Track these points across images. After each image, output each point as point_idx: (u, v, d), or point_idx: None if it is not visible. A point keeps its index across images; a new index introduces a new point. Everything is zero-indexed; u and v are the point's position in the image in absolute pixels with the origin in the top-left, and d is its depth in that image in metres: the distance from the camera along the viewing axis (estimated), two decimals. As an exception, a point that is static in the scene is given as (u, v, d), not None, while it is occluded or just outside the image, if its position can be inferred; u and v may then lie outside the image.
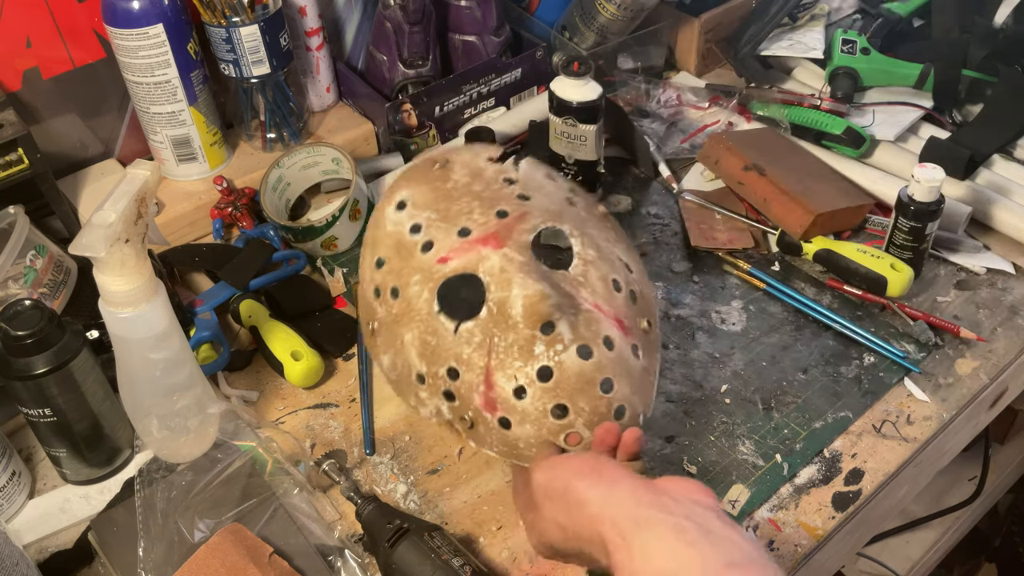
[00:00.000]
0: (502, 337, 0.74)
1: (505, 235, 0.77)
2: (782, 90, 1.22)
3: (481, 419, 0.75)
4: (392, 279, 0.80)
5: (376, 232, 0.84)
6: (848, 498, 0.81)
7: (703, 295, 1.00)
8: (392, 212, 0.83)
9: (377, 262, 0.82)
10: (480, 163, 0.86)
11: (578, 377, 0.73)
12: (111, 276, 0.69)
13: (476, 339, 0.75)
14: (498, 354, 0.74)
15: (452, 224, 0.79)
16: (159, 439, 0.78)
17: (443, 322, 0.76)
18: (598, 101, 1.03)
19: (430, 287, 0.77)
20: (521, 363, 0.73)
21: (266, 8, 1.03)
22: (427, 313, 0.77)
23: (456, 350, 0.75)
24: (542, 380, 0.73)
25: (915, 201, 0.94)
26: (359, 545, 0.77)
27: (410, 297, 0.78)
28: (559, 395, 0.73)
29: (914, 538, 1.55)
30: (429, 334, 0.77)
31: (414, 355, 0.78)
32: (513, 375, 0.73)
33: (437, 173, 0.86)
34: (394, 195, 0.84)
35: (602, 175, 1.10)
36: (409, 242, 0.80)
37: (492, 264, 0.75)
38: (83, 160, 1.10)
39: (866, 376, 0.90)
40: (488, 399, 0.74)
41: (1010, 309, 0.97)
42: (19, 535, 0.78)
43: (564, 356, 0.73)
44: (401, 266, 0.80)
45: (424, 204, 0.82)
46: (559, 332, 0.73)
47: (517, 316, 0.73)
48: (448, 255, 0.77)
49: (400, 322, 0.79)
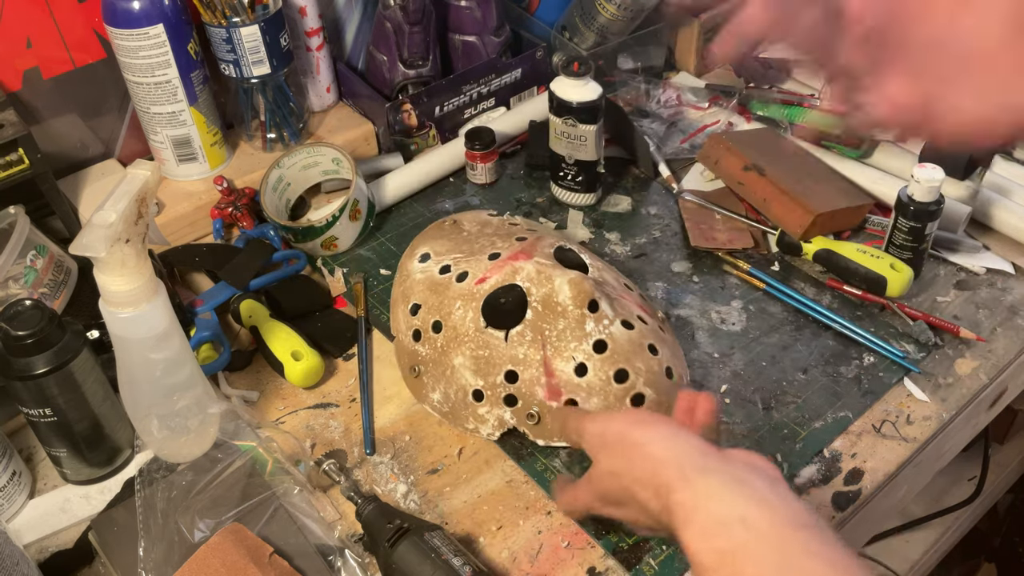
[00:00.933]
0: (552, 327, 0.82)
1: (531, 250, 0.87)
2: (782, 90, 1.22)
3: (547, 410, 0.81)
4: (432, 316, 0.87)
5: (404, 285, 0.92)
6: (848, 498, 0.81)
7: (703, 295, 1.00)
8: (417, 264, 0.92)
9: (412, 309, 0.89)
10: (484, 216, 0.98)
11: (629, 343, 0.81)
12: (111, 276, 0.69)
13: (528, 338, 0.82)
14: (552, 343, 0.81)
15: (480, 255, 0.88)
16: (159, 439, 0.78)
17: (492, 334, 0.83)
18: (598, 101, 1.03)
19: (474, 307, 0.84)
20: (576, 343, 0.81)
21: (266, 8, 1.04)
22: (475, 331, 0.84)
23: (511, 354, 0.82)
24: (599, 352, 0.81)
25: (915, 201, 0.94)
26: (359, 545, 0.77)
27: (455, 323, 0.85)
28: (617, 361, 0.80)
29: (914, 538, 1.55)
30: (480, 349, 0.83)
31: (468, 375, 0.84)
32: (571, 356, 0.81)
33: (450, 228, 0.97)
34: (415, 252, 0.94)
35: (602, 175, 1.11)
36: (442, 279, 0.88)
37: (528, 271, 0.84)
38: (83, 160, 1.10)
39: (866, 376, 0.90)
40: (551, 387, 0.81)
41: (1010, 309, 0.97)
42: (19, 535, 0.79)
43: (613, 328, 0.82)
44: (439, 301, 0.87)
45: (446, 251, 0.92)
46: (603, 310, 0.82)
47: (566, 300, 0.82)
48: (485, 275, 0.85)
49: (448, 351, 0.85)
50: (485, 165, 1.14)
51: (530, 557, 0.76)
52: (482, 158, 1.13)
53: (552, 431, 0.81)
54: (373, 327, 0.97)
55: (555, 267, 0.84)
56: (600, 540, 0.77)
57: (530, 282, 0.83)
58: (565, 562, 0.76)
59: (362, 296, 1.00)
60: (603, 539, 0.77)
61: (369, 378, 0.92)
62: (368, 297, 1.00)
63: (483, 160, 1.14)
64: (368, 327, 0.97)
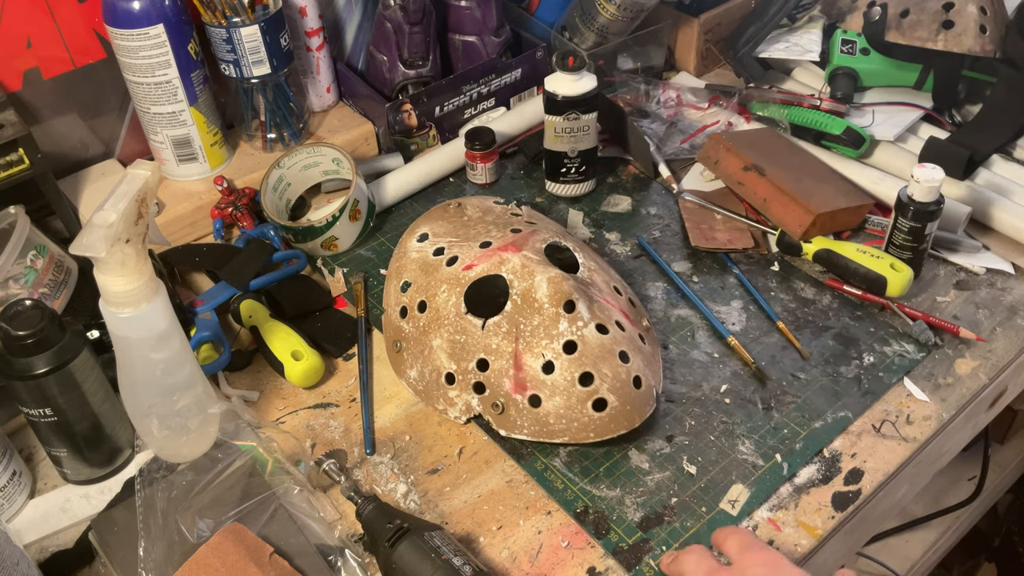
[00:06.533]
0: (527, 322, 0.82)
1: (522, 243, 0.87)
2: (781, 90, 1.22)
3: (512, 402, 0.82)
4: (419, 295, 0.89)
5: (400, 262, 0.94)
6: (848, 498, 0.81)
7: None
8: (415, 243, 0.94)
9: (402, 286, 0.92)
10: (489, 203, 0.99)
11: (600, 347, 0.82)
12: (112, 276, 0.69)
13: (503, 329, 0.83)
14: (525, 338, 0.82)
15: (473, 241, 0.90)
16: (159, 439, 0.78)
17: (471, 321, 0.84)
18: (596, 89, 1.06)
19: (457, 292, 0.86)
20: (548, 340, 0.82)
21: (266, 8, 1.04)
22: (455, 316, 0.85)
23: (485, 342, 0.83)
24: (568, 352, 0.81)
25: (915, 201, 0.94)
26: (359, 545, 0.77)
27: (438, 305, 0.87)
28: (584, 364, 0.81)
29: (914, 538, 1.55)
30: (458, 334, 0.85)
31: (443, 357, 0.86)
32: (541, 353, 0.82)
33: (453, 211, 0.98)
34: (415, 231, 0.96)
35: (599, 158, 1.14)
36: (434, 261, 0.90)
37: (514, 264, 0.85)
38: (84, 160, 1.10)
39: (866, 376, 0.91)
40: (518, 380, 0.82)
41: (1009, 309, 0.97)
42: (20, 535, 0.79)
43: (586, 331, 0.82)
44: (427, 281, 0.89)
45: (444, 233, 0.93)
46: (579, 311, 0.82)
47: (543, 298, 0.82)
48: (473, 262, 0.87)
49: (428, 331, 0.87)
50: (485, 165, 1.14)
51: (530, 557, 0.77)
52: (482, 158, 1.13)
53: (515, 424, 0.82)
54: (373, 327, 0.97)
55: (540, 263, 0.84)
56: (600, 540, 0.77)
57: (514, 275, 0.84)
58: (565, 562, 0.76)
59: (362, 296, 1.00)
60: (603, 539, 0.77)
61: (369, 378, 0.92)
62: (368, 297, 1.00)
63: (483, 160, 1.14)
64: (368, 327, 0.97)
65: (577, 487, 0.81)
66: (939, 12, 1.11)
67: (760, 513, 0.79)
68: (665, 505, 0.80)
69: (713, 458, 0.83)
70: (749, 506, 0.80)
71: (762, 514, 0.79)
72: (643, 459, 0.83)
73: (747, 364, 0.92)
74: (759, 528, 0.78)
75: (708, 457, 0.84)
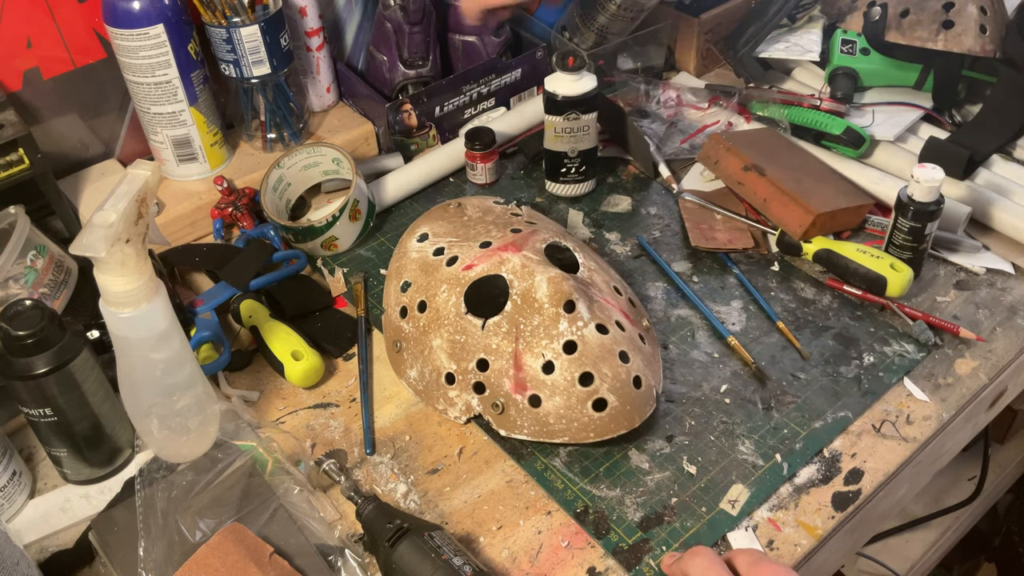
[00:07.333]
0: (527, 322, 0.83)
1: (522, 243, 0.87)
2: (781, 90, 1.22)
3: (511, 402, 0.82)
4: (419, 295, 0.89)
5: (400, 262, 0.95)
6: (848, 498, 0.81)
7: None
8: (415, 243, 0.94)
9: (402, 286, 0.92)
10: (489, 203, 0.99)
11: (600, 347, 0.82)
12: (112, 276, 0.69)
13: (503, 329, 0.83)
14: (525, 338, 0.82)
15: (473, 241, 0.90)
16: (159, 439, 0.78)
17: (471, 321, 0.84)
18: (596, 89, 1.05)
19: (457, 292, 0.86)
20: (548, 340, 0.82)
21: (266, 8, 1.04)
22: (455, 316, 0.85)
23: (485, 342, 0.84)
24: (568, 352, 0.81)
25: (915, 201, 0.94)
26: (359, 545, 0.77)
27: (438, 305, 0.87)
28: (584, 364, 0.81)
29: (914, 538, 1.55)
30: (458, 334, 0.85)
31: (444, 357, 0.86)
32: (541, 353, 0.82)
33: (453, 211, 0.98)
34: (415, 231, 0.96)
35: (599, 158, 1.14)
36: (434, 261, 0.90)
37: (514, 264, 0.85)
38: (84, 160, 1.10)
39: (866, 376, 0.91)
40: (518, 380, 0.82)
41: (1009, 309, 0.97)
42: (20, 535, 0.79)
43: (586, 331, 0.82)
44: (428, 281, 0.89)
45: (444, 233, 0.93)
46: (579, 311, 0.82)
47: (543, 298, 0.82)
48: (473, 262, 0.87)
49: (428, 331, 0.87)
50: (485, 165, 1.14)
51: (530, 557, 0.77)
52: (482, 158, 1.13)
53: (515, 424, 0.82)
54: (373, 327, 0.97)
55: (540, 263, 0.85)
56: (600, 540, 0.77)
57: (514, 275, 0.84)
58: (565, 562, 0.76)
59: (362, 296, 1.00)
60: (603, 539, 0.77)
61: (369, 378, 0.92)
62: (368, 297, 1.00)
63: (483, 160, 1.14)
64: (368, 327, 0.97)
65: (577, 487, 0.81)
66: (939, 12, 1.12)
67: (760, 513, 0.79)
68: (665, 505, 0.80)
69: (713, 458, 0.83)
70: (749, 506, 0.80)
71: (762, 514, 0.79)
72: (643, 459, 0.83)
73: (747, 364, 0.92)
74: (759, 528, 0.78)
75: (708, 457, 0.84)
